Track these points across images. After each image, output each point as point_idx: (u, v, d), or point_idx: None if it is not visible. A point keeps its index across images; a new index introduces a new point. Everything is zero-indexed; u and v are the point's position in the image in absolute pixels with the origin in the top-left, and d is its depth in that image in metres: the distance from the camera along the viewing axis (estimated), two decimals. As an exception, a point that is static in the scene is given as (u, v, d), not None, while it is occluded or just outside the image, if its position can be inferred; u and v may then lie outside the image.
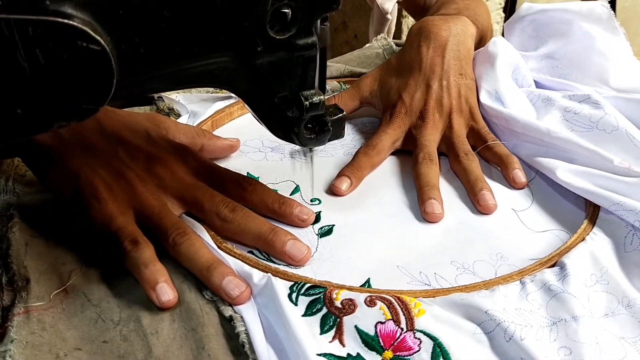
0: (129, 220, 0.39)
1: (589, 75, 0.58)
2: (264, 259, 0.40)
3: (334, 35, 1.45)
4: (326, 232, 0.44)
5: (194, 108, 0.56)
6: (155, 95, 0.56)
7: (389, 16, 0.83)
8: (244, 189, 0.43)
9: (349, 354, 0.33)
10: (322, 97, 0.35)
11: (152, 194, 0.41)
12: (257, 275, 0.37)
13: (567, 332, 0.33)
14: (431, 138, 0.52)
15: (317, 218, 0.45)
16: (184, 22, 0.27)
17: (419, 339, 0.33)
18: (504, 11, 1.68)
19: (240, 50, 0.30)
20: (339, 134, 0.39)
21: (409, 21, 1.42)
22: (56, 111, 0.25)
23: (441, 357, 0.32)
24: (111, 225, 0.39)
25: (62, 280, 0.38)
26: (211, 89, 0.59)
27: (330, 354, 0.33)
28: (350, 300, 0.35)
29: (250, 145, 0.55)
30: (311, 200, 0.47)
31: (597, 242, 0.40)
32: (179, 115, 0.55)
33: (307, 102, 0.34)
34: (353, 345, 0.33)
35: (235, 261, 0.39)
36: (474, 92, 0.54)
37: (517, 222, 0.45)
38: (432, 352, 0.32)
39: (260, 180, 0.48)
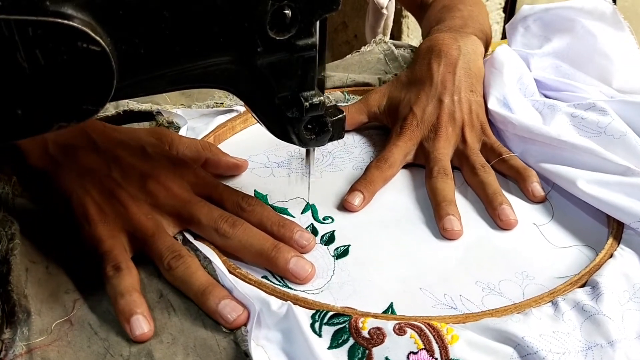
0: (117, 243, 0.39)
1: (592, 76, 0.59)
2: (280, 285, 0.40)
3: (333, 36, 1.45)
4: (342, 253, 0.43)
5: (194, 124, 0.56)
6: (154, 110, 0.56)
7: (384, 11, 0.83)
8: (243, 209, 0.43)
9: (381, 389, 0.32)
10: (322, 97, 0.36)
11: (145, 215, 0.41)
12: (276, 303, 0.36)
13: (603, 358, 0.33)
14: (445, 152, 0.52)
15: (332, 238, 0.45)
16: (184, 22, 0.28)
17: None
18: (504, 11, 1.68)
19: (240, 51, 0.31)
20: (338, 135, 0.40)
21: (409, 21, 1.42)
22: (56, 112, 0.26)
23: None
24: (98, 248, 0.39)
25: (65, 310, 0.37)
26: (211, 103, 0.59)
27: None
28: (378, 329, 0.34)
29: (255, 161, 0.54)
30: (324, 219, 0.47)
31: (626, 258, 0.41)
32: (178, 129, 0.55)
33: (307, 103, 0.36)
34: (386, 379, 0.33)
35: (251, 288, 0.38)
36: (483, 110, 0.56)
37: (539, 238, 0.45)
38: None
39: (268, 198, 0.49)
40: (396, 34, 1.44)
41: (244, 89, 0.35)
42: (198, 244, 0.41)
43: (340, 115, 0.39)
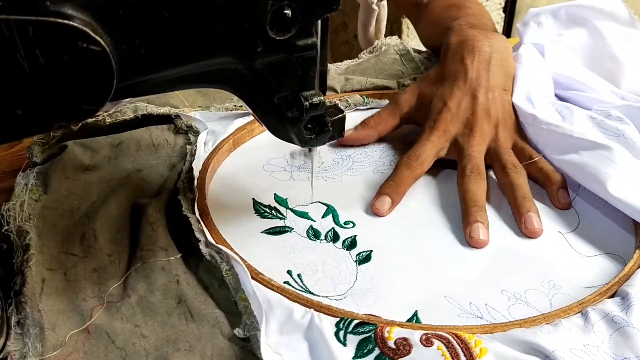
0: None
1: (602, 76, 0.60)
2: (302, 290, 0.40)
3: (333, 36, 1.45)
4: (365, 258, 0.43)
5: (213, 127, 0.57)
6: (173, 114, 0.56)
7: (374, 6, 0.82)
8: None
9: (407, 402, 0.32)
10: (322, 97, 0.36)
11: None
12: (299, 312, 0.36)
13: None
14: (479, 149, 0.51)
15: (354, 243, 0.45)
16: (184, 22, 0.29)
17: None
18: (504, 11, 1.68)
19: (240, 51, 0.32)
20: (339, 134, 0.40)
21: (409, 21, 1.41)
22: (56, 111, 0.26)
23: None
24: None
25: (83, 319, 0.37)
26: (230, 106, 0.59)
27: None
28: (405, 339, 0.34)
29: (274, 164, 0.54)
30: (345, 223, 0.47)
31: None
32: (197, 132, 0.56)
33: (307, 103, 0.36)
34: (411, 391, 0.32)
35: (274, 294, 0.38)
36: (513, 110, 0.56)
37: (565, 246, 0.45)
38: None
39: (288, 202, 0.49)
40: (396, 34, 1.44)
41: (244, 89, 0.35)
42: (223, 249, 0.41)
43: (340, 115, 0.40)
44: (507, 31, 1.71)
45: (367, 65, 0.68)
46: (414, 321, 0.37)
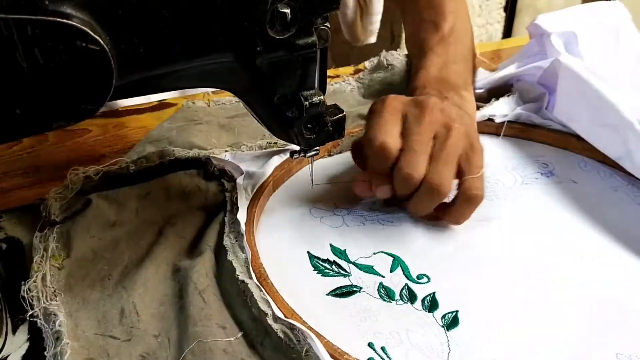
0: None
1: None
2: None
3: (333, 36, 1.44)
4: (452, 322, 0.37)
5: (248, 167, 0.49)
6: (203, 157, 0.50)
7: None
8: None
9: None
10: (321, 97, 0.35)
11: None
12: None
13: None
14: (425, 139, 0.46)
15: (435, 303, 0.39)
16: (184, 22, 0.28)
17: None
18: (505, 11, 1.68)
19: (240, 50, 0.32)
20: (339, 134, 0.40)
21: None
22: (55, 111, 0.26)
23: None
24: None
25: None
26: (263, 144, 0.53)
27: None
28: None
29: (321, 207, 0.47)
30: (418, 277, 0.41)
31: None
32: (231, 177, 0.48)
33: (306, 102, 0.36)
34: None
35: None
36: None
37: None
38: None
39: (348, 252, 0.42)
40: (397, 32, 1.44)
41: (244, 89, 0.35)
42: (297, 325, 0.34)
43: (340, 115, 0.39)
44: (508, 31, 1.71)
45: (385, 82, 0.66)
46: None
